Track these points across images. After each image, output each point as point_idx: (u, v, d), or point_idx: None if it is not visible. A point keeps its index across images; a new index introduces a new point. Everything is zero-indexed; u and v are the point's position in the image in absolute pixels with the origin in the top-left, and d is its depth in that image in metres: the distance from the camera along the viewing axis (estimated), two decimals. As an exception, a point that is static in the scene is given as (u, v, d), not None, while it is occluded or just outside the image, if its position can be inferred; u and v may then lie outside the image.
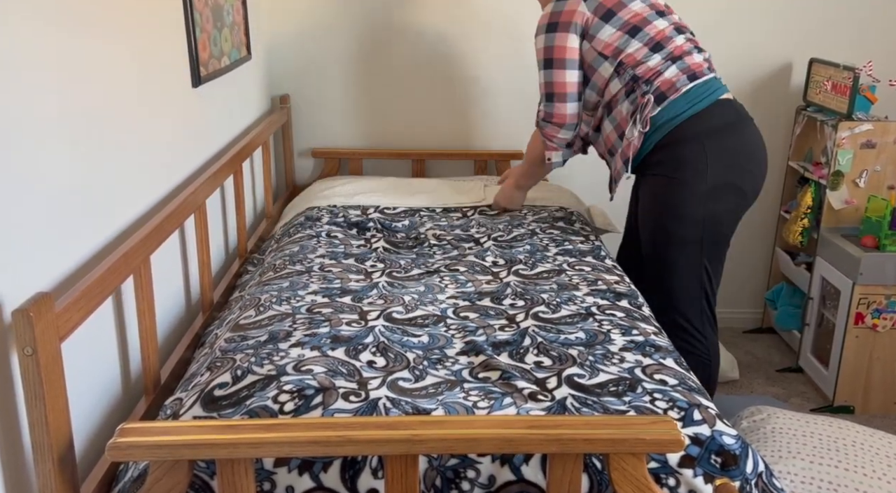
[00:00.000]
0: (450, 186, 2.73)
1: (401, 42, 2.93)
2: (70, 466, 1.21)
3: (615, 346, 1.55)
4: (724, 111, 1.96)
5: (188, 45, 1.98)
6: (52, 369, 1.15)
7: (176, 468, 1.09)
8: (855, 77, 2.58)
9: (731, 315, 3.28)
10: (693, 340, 2.03)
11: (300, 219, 2.40)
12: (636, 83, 1.95)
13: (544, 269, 1.97)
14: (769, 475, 1.28)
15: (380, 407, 1.30)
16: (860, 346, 2.60)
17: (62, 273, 1.33)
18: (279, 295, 1.76)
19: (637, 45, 1.95)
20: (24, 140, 1.22)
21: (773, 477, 1.28)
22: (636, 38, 1.95)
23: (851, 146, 2.63)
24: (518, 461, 1.22)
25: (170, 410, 1.40)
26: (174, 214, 1.68)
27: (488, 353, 1.52)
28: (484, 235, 2.25)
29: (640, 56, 1.95)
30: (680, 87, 1.94)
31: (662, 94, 1.94)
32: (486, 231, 2.28)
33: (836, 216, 2.72)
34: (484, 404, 1.33)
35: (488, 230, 2.29)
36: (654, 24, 1.98)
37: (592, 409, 1.32)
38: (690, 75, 1.96)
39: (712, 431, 1.27)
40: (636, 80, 1.95)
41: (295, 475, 1.20)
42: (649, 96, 1.93)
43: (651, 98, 1.93)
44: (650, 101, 1.93)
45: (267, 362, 1.43)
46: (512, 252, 2.10)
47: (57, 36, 1.33)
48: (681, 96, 1.94)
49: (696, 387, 1.42)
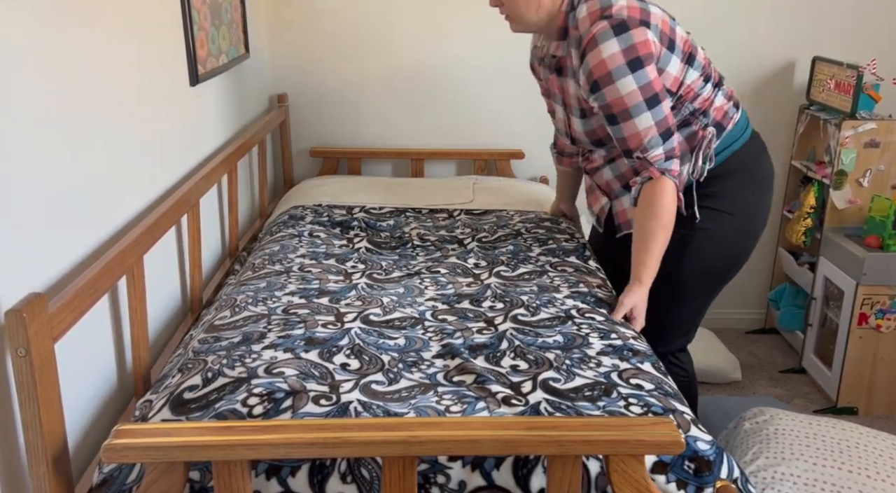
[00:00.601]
0: (440, 184, 2.72)
1: (401, 40, 2.93)
2: (65, 467, 1.21)
3: (593, 350, 1.55)
4: (759, 140, 1.92)
5: (186, 43, 1.98)
6: (45, 370, 1.15)
7: (171, 469, 1.09)
8: (858, 75, 2.58)
9: (733, 316, 3.28)
10: (671, 366, 2.02)
11: (284, 218, 2.40)
12: (693, 116, 1.81)
13: (526, 270, 1.96)
14: (744, 481, 1.27)
15: (350, 411, 1.29)
16: (864, 347, 2.60)
17: (55, 273, 1.33)
18: (255, 296, 1.75)
19: (694, 76, 1.78)
20: (17, 139, 1.22)
21: (748, 484, 1.27)
22: (693, 67, 1.78)
23: (855, 145, 2.62)
24: (489, 465, 1.21)
25: (139, 412, 1.39)
26: (168, 214, 1.68)
27: (464, 356, 1.51)
28: (468, 236, 2.23)
29: (697, 87, 1.80)
30: (732, 116, 1.85)
31: (719, 124, 1.83)
32: (470, 232, 2.27)
33: (839, 216, 2.72)
34: (456, 408, 1.32)
35: (473, 231, 2.28)
36: (697, 48, 1.81)
37: (566, 414, 1.31)
38: (735, 103, 1.88)
39: (686, 436, 1.26)
40: (693, 114, 1.80)
41: (262, 479, 1.20)
42: (711, 129, 1.80)
43: (713, 131, 1.80)
44: (713, 134, 1.80)
45: (238, 365, 1.42)
46: (494, 253, 2.09)
47: (52, 33, 1.33)
48: (734, 126, 1.85)
49: (673, 392, 1.42)
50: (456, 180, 2.81)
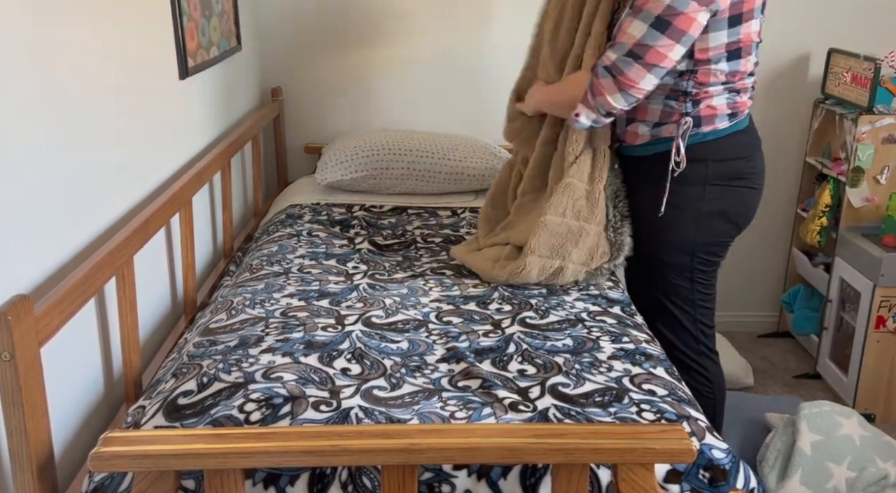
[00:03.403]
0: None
1: (399, 32, 2.93)
2: (50, 476, 1.21)
3: (604, 354, 1.55)
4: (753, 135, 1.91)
5: (175, 35, 1.98)
6: (31, 375, 1.15)
7: (162, 478, 1.09)
8: (876, 68, 2.58)
9: (745, 319, 3.28)
10: (693, 373, 1.98)
11: (281, 216, 2.40)
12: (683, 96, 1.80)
13: None
14: (762, 491, 1.28)
15: (351, 417, 1.30)
16: (881, 351, 2.60)
17: (41, 274, 1.33)
18: (253, 298, 1.75)
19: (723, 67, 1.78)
20: (0, 135, 1.22)
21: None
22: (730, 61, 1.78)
23: (872, 141, 2.62)
24: (496, 474, 1.21)
25: (132, 418, 1.39)
26: (159, 212, 1.68)
27: (470, 360, 1.51)
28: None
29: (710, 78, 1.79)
30: (718, 124, 1.83)
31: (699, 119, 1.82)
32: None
33: (855, 215, 2.72)
34: (461, 414, 1.32)
35: None
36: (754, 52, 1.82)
37: (575, 420, 1.31)
38: (734, 114, 1.86)
39: (701, 444, 1.27)
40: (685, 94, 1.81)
41: (260, 488, 1.20)
42: (688, 120, 1.80)
43: (689, 123, 1.80)
44: (688, 126, 1.79)
45: (235, 369, 1.42)
46: None
47: (34, 23, 1.33)
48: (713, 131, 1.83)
49: (687, 398, 1.42)
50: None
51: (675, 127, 1.79)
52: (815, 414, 2.14)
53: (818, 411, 2.17)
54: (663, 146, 1.83)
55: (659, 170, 1.83)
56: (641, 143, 1.86)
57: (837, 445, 2.10)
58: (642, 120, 1.85)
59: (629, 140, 1.89)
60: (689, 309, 1.94)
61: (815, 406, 2.19)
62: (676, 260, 1.88)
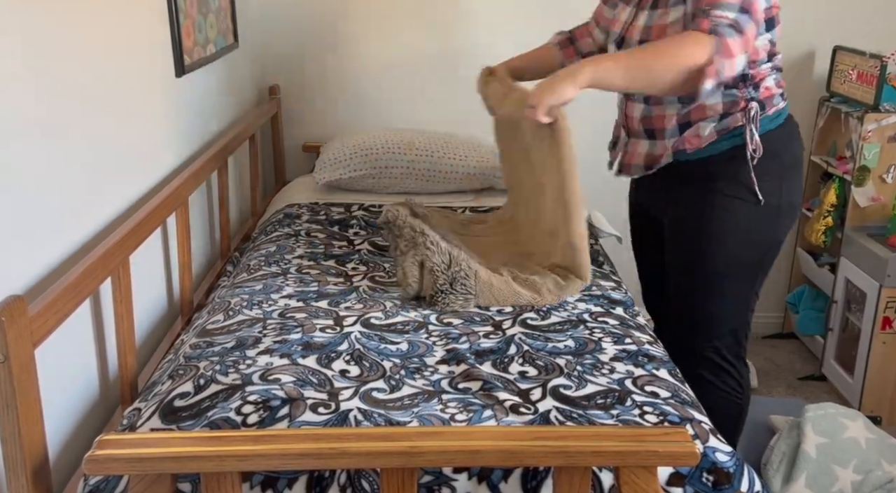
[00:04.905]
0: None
1: (400, 29, 2.93)
2: (45, 480, 1.21)
3: (606, 355, 1.55)
4: (792, 123, 1.89)
5: (171, 32, 1.99)
6: (25, 377, 1.15)
7: (158, 482, 1.09)
8: (882, 65, 2.58)
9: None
10: (725, 375, 1.96)
11: (279, 216, 2.40)
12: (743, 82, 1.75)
13: None
14: None
15: (350, 419, 1.30)
16: (888, 352, 2.60)
17: (36, 275, 1.33)
18: (250, 298, 1.76)
19: (765, 42, 1.75)
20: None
21: None
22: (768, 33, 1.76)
23: (878, 139, 2.62)
24: (496, 477, 1.21)
25: (127, 420, 1.39)
26: (155, 212, 1.68)
27: (470, 362, 1.51)
28: None
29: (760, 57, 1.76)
30: (776, 104, 1.81)
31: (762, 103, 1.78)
32: None
33: (861, 214, 2.72)
34: (462, 417, 1.32)
35: None
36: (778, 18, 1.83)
37: (577, 422, 1.31)
38: (783, 94, 1.85)
39: (704, 447, 1.27)
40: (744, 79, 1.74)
41: (258, 491, 1.20)
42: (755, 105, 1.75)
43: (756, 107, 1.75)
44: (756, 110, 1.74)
45: (232, 371, 1.42)
46: None
47: (28, 20, 1.33)
48: (775, 113, 1.80)
49: (690, 400, 1.42)
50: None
51: (742, 115, 1.74)
52: (820, 416, 2.15)
53: (823, 413, 2.17)
54: (728, 143, 1.77)
55: (732, 167, 1.76)
56: (708, 143, 1.77)
57: (843, 447, 2.10)
58: (703, 118, 1.76)
59: (691, 145, 1.78)
60: (742, 310, 1.94)
61: (820, 408, 2.19)
62: (748, 257, 1.86)
